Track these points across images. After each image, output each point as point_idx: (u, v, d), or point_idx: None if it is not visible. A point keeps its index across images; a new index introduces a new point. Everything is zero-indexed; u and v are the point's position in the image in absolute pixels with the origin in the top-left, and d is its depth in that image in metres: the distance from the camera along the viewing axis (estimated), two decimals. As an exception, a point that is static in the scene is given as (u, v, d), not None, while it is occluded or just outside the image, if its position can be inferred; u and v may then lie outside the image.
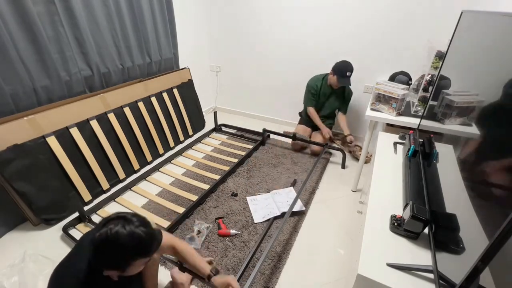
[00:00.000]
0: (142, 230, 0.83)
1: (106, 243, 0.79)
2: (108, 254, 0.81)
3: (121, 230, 0.80)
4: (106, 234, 0.78)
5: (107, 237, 0.78)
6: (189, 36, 2.95)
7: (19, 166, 1.61)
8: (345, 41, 2.51)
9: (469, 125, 0.95)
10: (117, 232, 0.79)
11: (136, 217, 0.86)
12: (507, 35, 0.82)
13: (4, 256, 1.60)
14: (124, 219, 0.82)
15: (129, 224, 0.82)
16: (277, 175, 2.34)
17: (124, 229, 0.80)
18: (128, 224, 0.82)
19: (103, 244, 0.79)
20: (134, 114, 2.30)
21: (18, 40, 1.60)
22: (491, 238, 0.55)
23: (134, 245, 0.82)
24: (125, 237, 0.80)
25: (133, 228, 0.81)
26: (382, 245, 0.97)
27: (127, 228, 0.81)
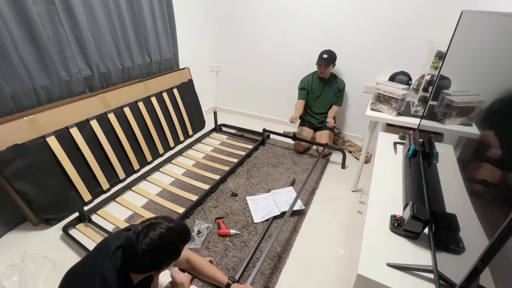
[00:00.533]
0: (173, 223, 0.92)
1: (156, 246, 0.85)
2: (162, 254, 0.89)
3: (161, 231, 0.87)
4: (152, 240, 0.85)
5: (155, 242, 0.85)
6: (189, 36, 2.95)
7: (19, 166, 1.61)
8: (345, 41, 2.51)
9: (469, 125, 0.95)
10: (160, 233, 0.87)
11: (159, 219, 0.93)
12: (507, 35, 0.82)
13: (4, 256, 1.60)
14: (153, 224, 0.89)
15: (160, 224, 0.89)
16: (277, 175, 2.34)
17: (162, 229, 0.88)
18: (160, 225, 0.89)
19: (155, 249, 0.85)
20: (134, 114, 2.30)
21: (18, 40, 1.60)
22: (491, 238, 0.55)
23: (178, 235, 0.91)
24: (168, 234, 0.88)
25: (167, 225, 0.90)
26: (382, 245, 0.97)
27: (163, 227, 0.89)
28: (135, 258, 0.85)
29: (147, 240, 0.84)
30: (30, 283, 1.39)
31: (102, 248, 0.97)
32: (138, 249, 0.83)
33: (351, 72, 2.61)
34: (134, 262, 0.88)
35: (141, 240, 0.84)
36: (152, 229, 0.87)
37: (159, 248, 0.86)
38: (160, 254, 0.88)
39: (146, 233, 0.85)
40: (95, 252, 0.99)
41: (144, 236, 0.85)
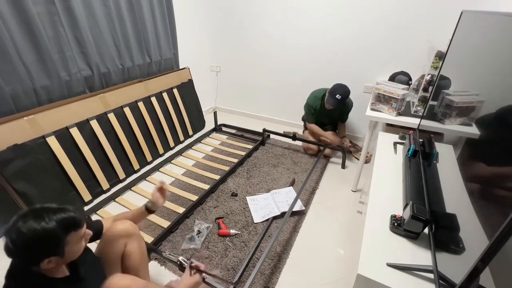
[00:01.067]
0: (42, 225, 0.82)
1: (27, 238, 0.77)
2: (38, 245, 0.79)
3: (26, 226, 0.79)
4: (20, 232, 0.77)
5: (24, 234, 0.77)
6: (189, 36, 2.95)
7: (19, 166, 1.61)
8: (345, 41, 2.51)
9: (469, 125, 0.95)
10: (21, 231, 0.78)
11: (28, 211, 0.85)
12: (507, 35, 0.82)
13: (4, 256, 1.59)
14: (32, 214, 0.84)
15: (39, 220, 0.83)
16: (277, 175, 2.34)
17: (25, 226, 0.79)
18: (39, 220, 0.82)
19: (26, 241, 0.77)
20: (134, 114, 2.30)
21: (18, 40, 1.60)
22: (491, 238, 0.55)
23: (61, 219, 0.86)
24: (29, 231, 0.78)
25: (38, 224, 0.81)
26: (382, 245, 0.97)
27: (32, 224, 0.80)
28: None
29: (12, 236, 0.78)
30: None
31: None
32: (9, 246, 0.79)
33: (351, 72, 2.61)
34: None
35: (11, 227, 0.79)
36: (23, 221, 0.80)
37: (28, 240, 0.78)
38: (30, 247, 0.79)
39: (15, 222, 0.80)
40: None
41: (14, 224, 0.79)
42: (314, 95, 2.54)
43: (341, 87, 2.31)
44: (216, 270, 1.48)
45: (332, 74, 2.70)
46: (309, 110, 2.56)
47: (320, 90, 2.54)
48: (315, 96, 2.52)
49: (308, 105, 2.56)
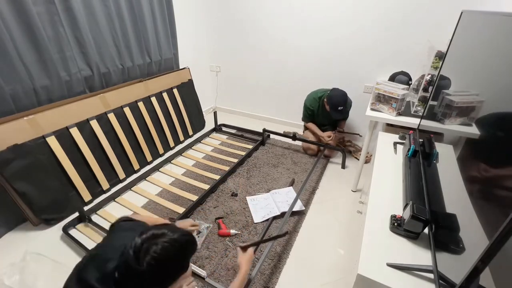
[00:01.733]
0: (177, 233, 0.78)
1: (160, 265, 0.72)
2: (170, 271, 0.76)
3: (163, 245, 0.73)
4: (153, 258, 0.71)
5: (157, 259, 0.71)
6: (189, 36, 2.95)
7: (19, 166, 1.61)
8: (345, 41, 2.51)
9: (469, 125, 0.95)
10: (163, 247, 0.73)
11: (161, 229, 0.78)
12: (507, 35, 0.82)
13: (4, 256, 1.60)
14: (154, 238, 0.75)
15: (163, 237, 0.75)
16: (277, 175, 2.34)
17: (165, 243, 0.74)
18: (163, 237, 0.75)
19: (158, 267, 0.71)
20: (134, 114, 2.30)
21: (18, 40, 1.60)
22: (491, 238, 0.55)
23: (183, 248, 0.79)
24: (172, 248, 0.75)
25: (170, 237, 0.76)
26: (382, 245, 0.97)
27: (165, 240, 0.75)
28: (136, 279, 0.71)
29: (148, 259, 0.70)
30: (31, 282, 1.40)
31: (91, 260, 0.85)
32: (139, 269, 0.70)
33: (351, 72, 2.60)
34: (135, 284, 0.73)
35: (142, 258, 0.70)
36: (154, 244, 0.72)
37: (163, 266, 0.72)
38: (165, 271, 0.74)
39: (147, 249, 0.71)
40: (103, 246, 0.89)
41: (145, 253, 0.71)
42: (312, 96, 2.53)
43: (338, 97, 2.28)
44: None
45: (332, 74, 2.70)
46: (306, 111, 2.57)
47: (318, 91, 2.53)
48: (313, 97, 2.51)
49: (305, 106, 2.56)
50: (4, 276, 1.39)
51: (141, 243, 0.72)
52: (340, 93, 2.30)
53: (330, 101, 2.31)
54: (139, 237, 0.74)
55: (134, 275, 0.71)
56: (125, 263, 0.72)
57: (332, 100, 2.30)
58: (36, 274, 1.43)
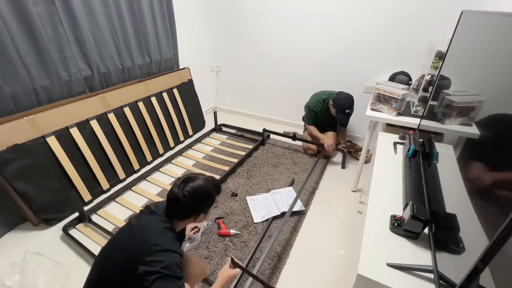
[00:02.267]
0: (208, 176, 1.09)
1: (196, 191, 1.00)
2: (201, 199, 1.03)
3: (199, 181, 1.02)
4: (192, 187, 0.99)
5: (194, 188, 1.00)
6: (189, 36, 2.95)
7: (19, 166, 1.61)
8: (345, 41, 2.51)
9: (469, 125, 0.95)
10: (199, 183, 1.02)
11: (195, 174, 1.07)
12: (507, 35, 0.82)
13: (4, 256, 1.60)
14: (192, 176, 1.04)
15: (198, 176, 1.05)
16: (277, 175, 2.34)
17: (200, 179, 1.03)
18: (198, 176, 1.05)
19: (195, 193, 0.99)
20: (134, 114, 2.30)
21: (18, 40, 1.60)
22: (491, 238, 0.55)
23: (213, 186, 1.07)
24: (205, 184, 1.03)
25: (204, 177, 1.06)
26: (382, 245, 0.97)
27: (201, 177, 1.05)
28: (178, 203, 0.98)
29: (188, 187, 0.99)
30: (31, 281, 1.40)
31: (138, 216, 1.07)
32: (180, 195, 0.97)
33: (351, 72, 2.60)
34: (177, 207, 1.00)
35: (183, 187, 0.99)
36: (191, 180, 1.02)
37: (198, 193, 1.00)
38: (199, 198, 1.01)
39: (187, 181, 1.01)
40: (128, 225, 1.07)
41: (185, 183, 1.00)
42: (316, 98, 2.49)
43: (345, 100, 2.29)
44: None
45: (332, 74, 2.70)
46: (309, 112, 2.54)
47: (322, 94, 2.50)
48: (317, 99, 2.48)
49: (308, 107, 2.54)
50: (5, 276, 1.39)
51: (183, 179, 1.02)
52: (347, 96, 2.30)
53: (337, 104, 2.31)
54: (179, 178, 1.03)
55: (177, 200, 0.98)
56: (171, 192, 1.00)
57: (339, 103, 2.30)
58: (36, 274, 1.43)
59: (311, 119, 2.56)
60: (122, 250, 0.96)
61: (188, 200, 0.98)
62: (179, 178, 1.05)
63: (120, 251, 0.96)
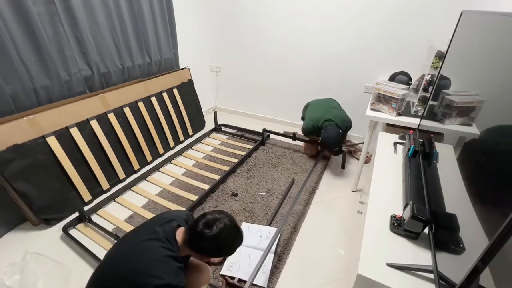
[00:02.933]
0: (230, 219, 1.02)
1: (223, 237, 0.95)
2: (225, 246, 0.98)
3: (231, 225, 0.98)
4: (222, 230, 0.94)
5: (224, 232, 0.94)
6: (189, 36, 2.95)
7: (19, 166, 1.61)
8: (345, 41, 2.51)
9: (469, 125, 0.95)
10: (230, 227, 0.97)
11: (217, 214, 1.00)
12: (507, 35, 0.82)
13: (4, 256, 1.60)
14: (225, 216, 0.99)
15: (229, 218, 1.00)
16: (277, 175, 2.34)
17: (232, 224, 0.99)
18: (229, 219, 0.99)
19: (222, 238, 0.94)
20: (134, 114, 2.30)
21: (18, 40, 1.60)
22: (491, 238, 0.55)
23: (239, 237, 1.02)
24: (234, 232, 0.99)
25: (234, 223, 1.01)
26: (382, 245, 0.97)
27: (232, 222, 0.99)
28: (198, 238, 0.93)
29: (220, 225, 0.94)
30: (31, 281, 1.40)
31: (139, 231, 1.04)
32: (206, 232, 0.92)
33: (351, 72, 2.60)
34: (196, 241, 0.95)
35: (216, 225, 0.94)
36: (223, 218, 0.97)
37: (223, 239, 0.95)
38: (222, 244, 0.96)
39: (219, 219, 0.96)
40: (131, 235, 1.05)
41: (218, 222, 0.95)
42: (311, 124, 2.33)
43: (332, 139, 2.17)
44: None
45: (333, 74, 2.70)
46: (306, 129, 2.40)
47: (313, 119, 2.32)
48: (312, 126, 2.33)
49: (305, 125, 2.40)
50: (5, 276, 1.39)
51: (216, 215, 0.98)
52: (334, 134, 2.18)
53: (324, 145, 2.29)
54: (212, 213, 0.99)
55: (199, 234, 0.93)
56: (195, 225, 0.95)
57: (326, 144, 2.24)
58: (36, 274, 1.43)
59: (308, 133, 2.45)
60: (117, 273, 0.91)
61: (210, 240, 0.93)
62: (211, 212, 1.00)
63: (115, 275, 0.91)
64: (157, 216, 1.10)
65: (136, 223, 1.83)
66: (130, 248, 0.96)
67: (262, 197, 2.06)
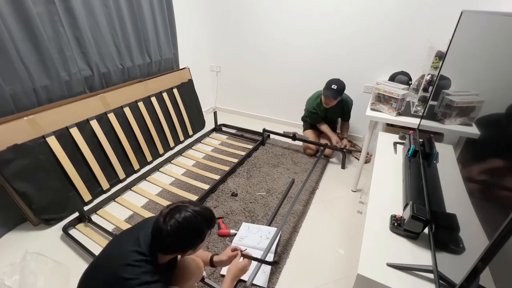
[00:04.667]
0: (199, 207, 0.93)
1: (181, 228, 0.87)
2: (187, 237, 0.90)
3: (186, 214, 0.88)
4: (177, 222, 0.86)
5: (180, 224, 0.86)
6: (189, 36, 2.95)
7: (19, 166, 1.61)
8: (345, 41, 2.51)
9: (469, 125, 0.95)
10: (185, 216, 0.88)
11: (185, 203, 0.94)
12: (507, 35, 0.82)
13: (4, 256, 1.60)
14: (179, 207, 0.91)
15: (186, 208, 0.90)
16: (277, 175, 2.34)
17: (188, 212, 0.89)
18: (186, 208, 0.90)
19: (180, 230, 0.86)
20: (134, 114, 2.30)
21: (18, 40, 1.60)
22: (491, 238, 0.55)
23: (204, 220, 0.92)
24: (193, 218, 0.89)
25: (193, 208, 0.91)
26: (382, 245, 0.97)
27: (189, 210, 0.90)
28: (161, 238, 0.87)
29: (172, 222, 0.86)
30: (31, 281, 1.39)
31: (125, 234, 1.00)
32: (164, 230, 0.85)
33: (351, 72, 2.60)
34: (160, 243, 0.89)
35: (167, 221, 0.86)
36: (177, 212, 0.88)
37: (183, 230, 0.88)
38: (184, 236, 0.89)
39: (172, 215, 0.87)
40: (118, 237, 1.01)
41: (170, 217, 0.87)
42: (310, 99, 2.58)
43: (334, 79, 2.32)
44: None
45: (332, 74, 2.68)
46: (310, 112, 2.57)
47: (314, 93, 2.58)
48: (312, 99, 2.56)
49: (307, 110, 2.60)
50: (5, 276, 1.39)
51: (168, 210, 0.89)
52: (335, 78, 2.35)
53: (326, 84, 2.35)
54: (167, 207, 0.90)
55: (160, 234, 0.86)
56: (155, 225, 0.88)
57: (327, 82, 2.34)
58: (36, 274, 1.43)
59: (317, 117, 2.58)
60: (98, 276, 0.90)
61: (172, 237, 0.86)
62: (167, 205, 0.92)
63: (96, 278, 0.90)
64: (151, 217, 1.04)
65: (136, 223, 1.83)
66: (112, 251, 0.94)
67: (262, 197, 2.06)
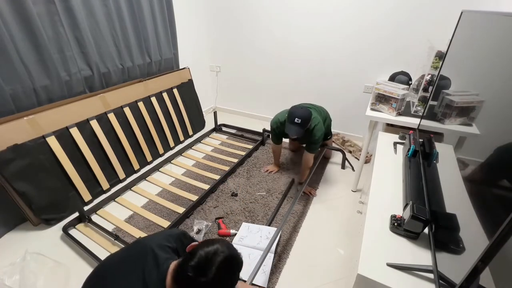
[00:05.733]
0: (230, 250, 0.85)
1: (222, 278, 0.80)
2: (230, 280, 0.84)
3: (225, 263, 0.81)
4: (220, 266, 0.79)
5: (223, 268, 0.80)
6: (189, 36, 2.95)
7: (19, 166, 1.61)
8: (345, 41, 2.51)
9: (469, 125, 0.96)
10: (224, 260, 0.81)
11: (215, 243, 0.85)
12: (507, 35, 0.82)
13: (4, 256, 1.60)
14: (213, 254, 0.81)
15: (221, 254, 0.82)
16: (277, 175, 2.33)
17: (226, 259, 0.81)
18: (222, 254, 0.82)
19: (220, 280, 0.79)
20: (134, 114, 2.30)
21: (18, 40, 1.60)
22: (491, 238, 0.55)
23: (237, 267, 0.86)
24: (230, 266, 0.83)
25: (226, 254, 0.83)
26: (382, 245, 0.97)
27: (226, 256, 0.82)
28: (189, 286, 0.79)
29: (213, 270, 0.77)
30: (31, 281, 1.40)
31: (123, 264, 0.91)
32: (201, 280, 0.76)
33: (351, 72, 2.60)
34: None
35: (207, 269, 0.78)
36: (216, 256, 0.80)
37: (226, 276, 0.81)
38: (227, 281, 0.83)
39: (211, 261, 0.79)
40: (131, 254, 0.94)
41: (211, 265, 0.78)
42: (276, 117, 2.14)
43: (297, 107, 1.90)
44: None
45: (332, 74, 2.70)
46: (272, 129, 2.19)
47: (282, 113, 2.12)
48: (277, 118, 2.13)
49: (271, 126, 2.20)
50: (5, 276, 1.39)
51: (205, 256, 0.79)
52: (302, 107, 1.91)
53: (287, 115, 1.91)
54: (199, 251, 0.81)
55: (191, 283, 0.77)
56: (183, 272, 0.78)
57: (288, 112, 1.90)
58: (36, 274, 1.43)
59: (274, 137, 2.20)
60: None
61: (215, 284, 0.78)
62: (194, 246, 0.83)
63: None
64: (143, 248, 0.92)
65: (136, 223, 1.83)
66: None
67: (262, 197, 2.06)
